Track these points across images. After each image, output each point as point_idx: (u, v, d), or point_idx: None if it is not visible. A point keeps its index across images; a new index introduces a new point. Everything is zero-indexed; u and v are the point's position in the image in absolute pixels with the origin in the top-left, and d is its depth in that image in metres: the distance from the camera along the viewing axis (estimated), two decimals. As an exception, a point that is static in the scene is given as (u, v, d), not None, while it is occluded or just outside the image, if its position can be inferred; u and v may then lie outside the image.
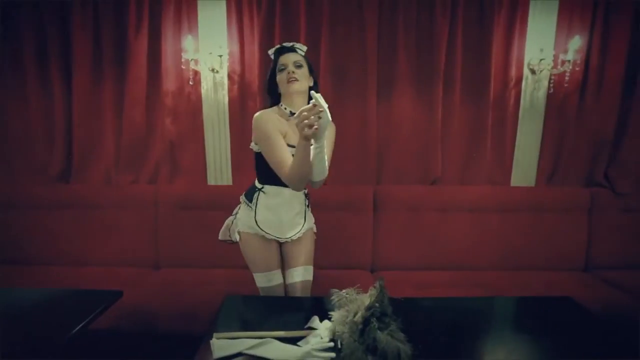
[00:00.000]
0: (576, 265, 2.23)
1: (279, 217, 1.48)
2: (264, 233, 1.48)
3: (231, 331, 1.07)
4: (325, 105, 1.12)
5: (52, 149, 2.28)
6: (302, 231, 1.55)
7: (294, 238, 1.52)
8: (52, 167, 2.29)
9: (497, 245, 2.21)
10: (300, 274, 1.53)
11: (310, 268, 1.57)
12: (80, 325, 1.11)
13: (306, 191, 1.57)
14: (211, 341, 1.02)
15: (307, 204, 1.58)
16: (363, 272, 2.16)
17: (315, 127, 1.11)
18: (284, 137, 1.39)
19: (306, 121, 1.11)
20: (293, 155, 1.29)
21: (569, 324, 1.19)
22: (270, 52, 1.49)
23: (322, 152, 1.29)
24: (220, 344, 1.00)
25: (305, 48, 1.48)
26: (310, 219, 1.61)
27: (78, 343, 1.65)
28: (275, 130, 1.36)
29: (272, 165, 1.36)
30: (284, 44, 1.46)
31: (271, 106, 1.51)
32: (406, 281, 2.02)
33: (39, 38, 2.18)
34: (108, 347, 1.84)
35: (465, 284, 2.01)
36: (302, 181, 1.32)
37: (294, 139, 1.38)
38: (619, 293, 1.93)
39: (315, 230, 1.65)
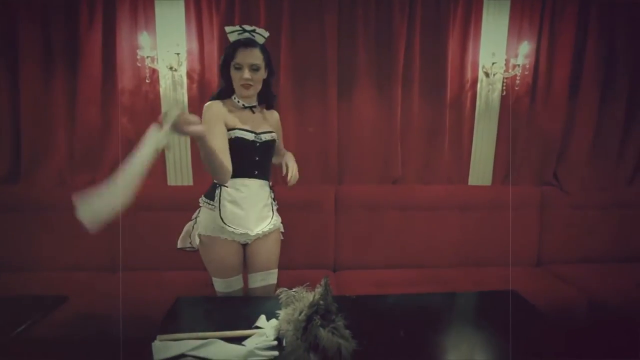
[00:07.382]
0: (528, 260, 2.34)
1: (245, 210, 1.43)
2: (232, 229, 1.41)
3: (179, 332, 1.05)
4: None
5: (-2, 149, 2.16)
6: (271, 225, 1.50)
7: (265, 230, 1.48)
8: (-3, 168, 2.17)
9: (455, 242, 2.28)
10: (264, 279, 1.49)
11: (275, 272, 1.53)
12: (11, 336, 1.04)
13: (270, 184, 1.55)
14: (152, 343, 0.99)
15: (272, 197, 1.55)
16: (325, 272, 2.17)
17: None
18: (234, 124, 1.41)
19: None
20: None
21: (513, 316, 1.24)
22: (228, 34, 1.41)
23: (210, 152, 1.26)
24: (161, 346, 0.98)
25: (266, 34, 1.43)
26: (278, 216, 1.57)
27: (21, 351, 1.58)
28: (216, 119, 1.38)
29: None
30: (244, 27, 1.39)
31: (222, 91, 1.48)
32: (367, 280, 2.05)
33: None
34: (57, 354, 1.76)
35: (424, 281, 2.05)
36: (214, 173, 1.33)
37: (240, 123, 1.43)
38: (567, 287, 2.03)
39: (282, 230, 1.61)
